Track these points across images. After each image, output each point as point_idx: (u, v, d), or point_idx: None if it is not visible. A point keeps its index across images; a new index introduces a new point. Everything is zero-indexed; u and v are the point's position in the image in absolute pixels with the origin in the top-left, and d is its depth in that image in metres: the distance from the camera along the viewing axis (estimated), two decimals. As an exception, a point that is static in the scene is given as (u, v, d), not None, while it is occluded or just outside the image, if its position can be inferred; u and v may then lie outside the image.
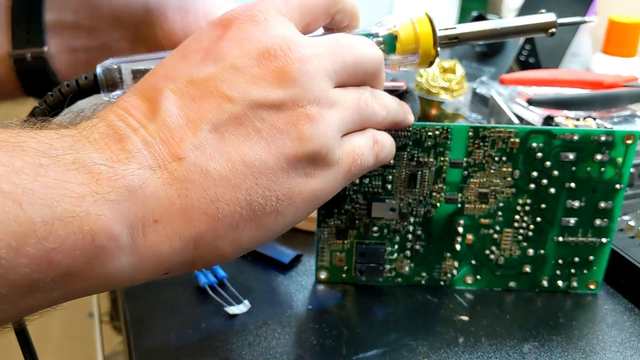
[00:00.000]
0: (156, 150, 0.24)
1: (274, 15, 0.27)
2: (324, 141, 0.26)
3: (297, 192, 0.26)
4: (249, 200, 0.25)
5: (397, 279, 0.39)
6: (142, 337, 0.34)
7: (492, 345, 0.35)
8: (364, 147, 0.29)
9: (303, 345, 0.34)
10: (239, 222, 0.25)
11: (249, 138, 0.25)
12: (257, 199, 0.25)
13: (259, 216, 0.25)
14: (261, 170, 0.25)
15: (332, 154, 0.27)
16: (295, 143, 0.26)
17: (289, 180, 0.26)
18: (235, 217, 0.25)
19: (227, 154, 0.24)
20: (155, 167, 0.23)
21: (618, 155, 0.36)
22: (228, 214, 0.24)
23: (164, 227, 0.23)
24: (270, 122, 0.25)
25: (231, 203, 0.24)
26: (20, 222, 0.19)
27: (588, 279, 0.39)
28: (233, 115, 0.25)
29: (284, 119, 0.25)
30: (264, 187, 0.25)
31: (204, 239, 0.24)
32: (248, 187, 0.25)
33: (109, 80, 0.30)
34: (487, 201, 0.37)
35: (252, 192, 0.25)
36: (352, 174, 0.29)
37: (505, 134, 0.36)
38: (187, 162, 0.24)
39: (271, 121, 0.25)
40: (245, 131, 0.25)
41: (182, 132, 0.24)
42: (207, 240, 0.25)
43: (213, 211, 0.24)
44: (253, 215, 0.25)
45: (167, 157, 0.24)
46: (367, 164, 0.29)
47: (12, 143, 0.21)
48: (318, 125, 0.26)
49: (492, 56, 0.70)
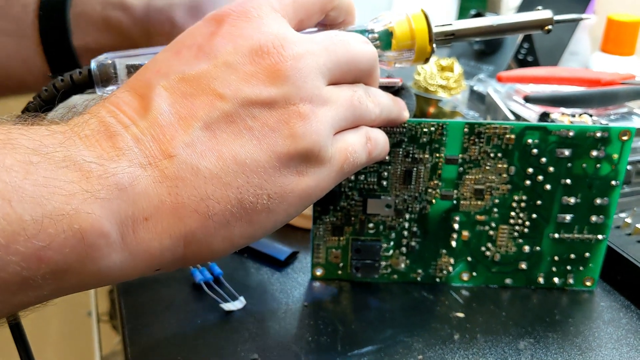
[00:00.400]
0: (147, 148, 0.24)
1: (267, 12, 0.27)
2: (316, 139, 0.26)
3: (289, 190, 0.26)
4: (240, 199, 0.25)
5: (392, 275, 0.39)
6: (138, 334, 0.34)
7: (487, 342, 0.34)
8: (357, 144, 0.29)
9: (298, 342, 0.34)
10: (229, 219, 0.25)
11: (241, 136, 0.25)
12: (249, 197, 0.25)
13: (250, 214, 0.25)
14: (253, 168, 0.25)
15: (325, 152, 0.27)
16: (288, 141, 0.25)
17: (280, 178, 0.26)
18: (226, 215, 0.25)
19: (219, 152, 0.24)
20: (146, 164, 0.23)
21: (614, 151, 0.36)
22: (219, 211, 0.25)
23: (155, 225, 0.23)
24: (262, 120, 0.25)
25: (222, 201, 0.24)
26: (10, 220, 0.20)
27: (584, 276, 0.39)
28: (225, 113, 0.25)
29: (276, 117, 0.25)
30: (256, 185, 0.25)
31: (194, 237, 0.24)
32: (239, 185, 0.25)
33: (103, 75, 0.30)
34: (482, 198, 0.37)
35: (243, 190, 0.25)
36: (344, 171, 0.29)
37: (501, 130, 0.36)
38: (178, 159, 0.24)
39: (263, 119, 0.25)
40: (237, 129, 0.25)
41: (174, 130, 0.24)
42: (198, 238, 0.25)
43: (204, 209, 0.24)
44: (244, 213, 0.25)
45: (158, 154, 0.24)
46: (360, 162, 0.29)
47: (3, 140, 0.21)
48: (310, 123, 0.26)
49: (491, 54, 0.70)
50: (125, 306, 0.37)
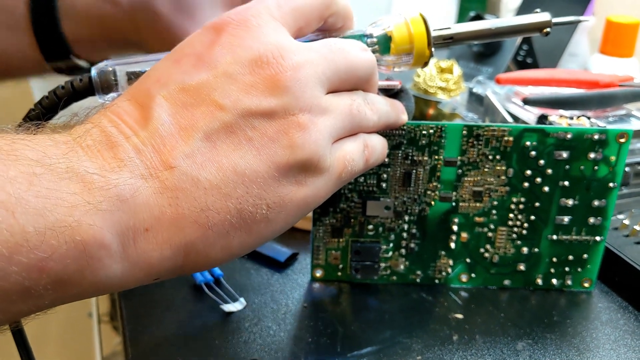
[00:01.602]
0: (148, 159, 0.24)
1: (266, 21, 0.27)
2: (315, 149, 0.26)
3: (288, 200, 0.26)
4: (239, 209, 0.25)
5: (392, 277, 0.39)
6: (139, 335, 0.35)
7: (486, 342, 0.35)
8: (355, 152, 0.29)
9: (298, 343, 0.34)
10: (229, 230, 0.25)
11: (241, 147, 0.25)
12: (248, 207, 0.25)
13: (249, 224, 0.26)
14: (252, 179, 0.25)
15: (324, 162, 0.27)
16: (287, 151, 0.26)
17: (279, 188, 0.26)
18: (225, 225, 0.25)
19: (219, 162, 0.25)
20: (147, 175, 0.23)
21: (611, 153, 0.36)
22: (218, 222, 0.25)
23: (155, 236, 0.24)
24: (261, 130, 0.25)
25: (222, 211, 0.25)
26: (13, 231, 0.20)
27: (582, 277, 0.39)
28: (225, 124, 0.25)
29: (275, 127, 0.25)
30: (255, 196, 0.25)
31: (194, 247, 0.25)
32: (239, 196, 0.25)
33: (103, 83, 0.30)
34: (481, 199, 0.37)
35: (242, 200, 0.25)
36: (342, 179, 0.29)
37: (499, 132, 0.36)
38: (179, 170, 0.24)
39: (263, 129, 0.25)
40: (237, 139, 0.25)
41: (174, 140, 0.24)
42: (197, 248, 0.25)
43: (203, 220, 0.24)
44: (243, 223, 0.25)
45: (159, 165, 0.24)
46: (358, 169, 0.30)
47: (7, 151, 0.21)
48: (310, 133, 0.26)
49: (490, 56, 0.70)
50: (126, 308, 0.37)
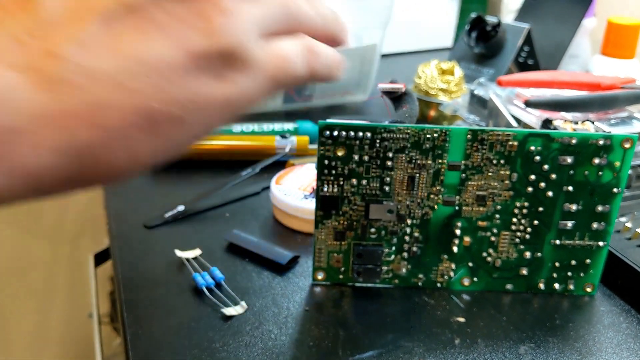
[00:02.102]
0: (26, 45, 0.20)
1: None
2: (238, 38, 0.22)
3: (206, 98, 0.22)
4: (144, 106, 0.21)
5: (394, 280, 0.39)
6: (140, 339, 0.34)
7: (488, 346, 0.35)
8: (292, 51, 0.25)
9: (300, 347, 0.34)
10: (132, 131, 0.21)
11: (146, 32, 0.21)
12: (154, 104, 0.21)
13: (158, 125, 0.21)
14: (159, 69, 0.21)
15: (250, 54, 0.23)
16: (203, 37, 0.21)
17: (194, 82, 0.22)
18: (127, 126, 0.21)
19: (118, 50, 0.20)
20: (23, 65, 0.19)
21: (616, 159, 0.36)
22: (118, 121, 0.21)
23: (32, 137, 0.20)
24: (172, 12, 0.21)
25: (122, 109, 0.21)
26: None
27: (585, 282, 0.39)
28: (127, 6, 0.21)
29: (189, 9, 0.21)
30: (163, 90, 0.21)
31: (90, 151, 0.21)
32: (142, 90, 0.21)
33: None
34: (484, 204, 0.37)
35: (148, 95, 0.21)
36: (277, 81, 0.24)
37: (504, 137, 0.36)
38: (66, 60, 0.20)
39: (174, 12, 0.21)
40: (142, 23, 0.21)
41: (62, 26, 0.20)
42: (94, 153, 0.21)
43: (99, 119, 0.20)
44: (150, 123, 0.21)
45: (40, 53, 0.20)
46: (297, 73, 0.25)
47: None
48: (232, 17, 0.22)
49: (491, 58, 0.70)
50: (127, 310, 0.37)
